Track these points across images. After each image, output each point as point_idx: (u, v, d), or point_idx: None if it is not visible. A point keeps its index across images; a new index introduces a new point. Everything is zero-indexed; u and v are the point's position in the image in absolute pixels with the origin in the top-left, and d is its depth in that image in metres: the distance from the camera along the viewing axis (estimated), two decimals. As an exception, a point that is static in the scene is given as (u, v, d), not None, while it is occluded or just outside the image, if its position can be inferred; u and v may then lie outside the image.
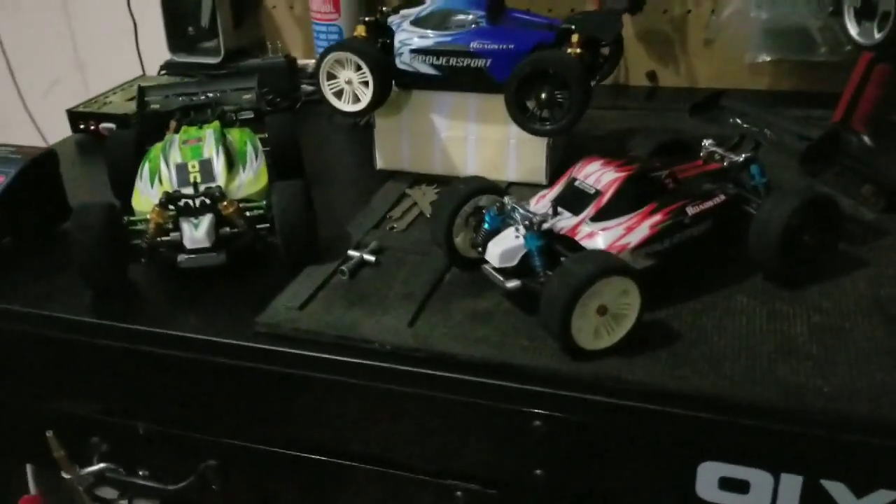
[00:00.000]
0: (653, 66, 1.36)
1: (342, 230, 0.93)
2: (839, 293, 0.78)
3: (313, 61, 1.44)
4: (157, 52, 1.48)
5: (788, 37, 1.21)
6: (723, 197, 0.79)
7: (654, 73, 1.36)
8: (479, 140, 1.02)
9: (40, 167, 0.95)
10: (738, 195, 0.81)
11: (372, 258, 0.87)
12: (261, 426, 0.82)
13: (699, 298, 0.78)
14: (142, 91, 1.07)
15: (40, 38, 1.78)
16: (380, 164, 1.08)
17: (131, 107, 1.21)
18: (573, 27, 0.93)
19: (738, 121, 0.86)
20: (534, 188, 1.00)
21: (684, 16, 1.31)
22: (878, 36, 0.83)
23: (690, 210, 0.77)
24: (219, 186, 0.84)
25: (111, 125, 1.22)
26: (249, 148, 0.94)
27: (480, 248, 0.79)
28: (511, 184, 1.03)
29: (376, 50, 0.96)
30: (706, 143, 0.86)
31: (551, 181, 1.01)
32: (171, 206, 0.83)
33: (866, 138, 0.97)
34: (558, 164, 1.05)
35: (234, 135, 0.97)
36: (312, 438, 0.80)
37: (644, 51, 1.35)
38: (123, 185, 0.96)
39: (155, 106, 1.06)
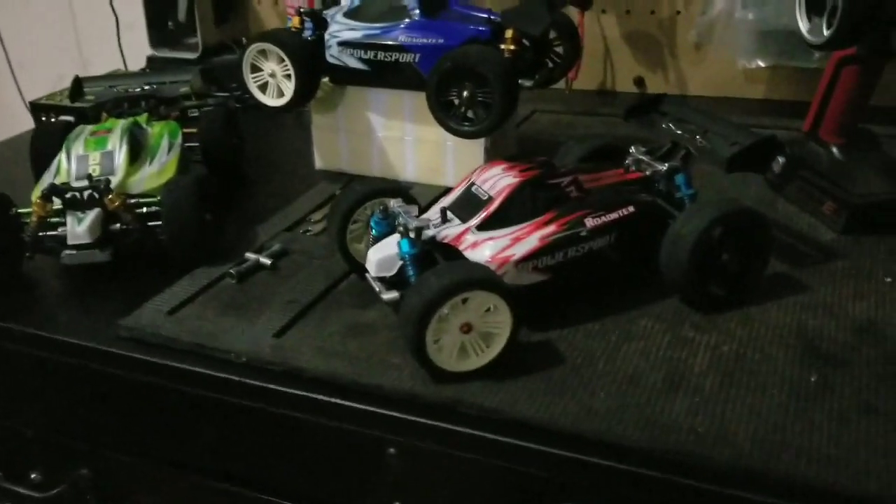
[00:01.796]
0: (640, 72, 1.27)
1: (253, 229, 0.88)
2: (761, 321, 0.69)
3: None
4: (147, 49, 1.46)
5: (780, 40, 1.11)
6: (631, 209, 0.70)
7: (642, 79, 1.27)
8: (416, 141, 0.95)
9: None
10: (652, 206, 0.72)
11: (268, 262, 0.81)
12: (130, 436, 0.77)
13: (600, 319, 0.70)
14: (77, 82, 1.05)
15: (45, 35, 1.79)
16: (318, 163, 1.03)
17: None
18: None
19: (671, 126, 0.78)
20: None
21: (673, 17, 1.22)
22: (826, 33, 0.73)
23: (590, 222, 0.69)
24: (107, 180, 0.80)
25: (70, 118, 1.20)
26: (164, 142, 0.90)
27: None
28: (449, 189, 0.96)
29: (300, 42, 0.91)
30: (633, 149, 0.78)
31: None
32: (57, 199, 0.79)
33: (835, 150, 0.87)
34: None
35: (156, 128, 0.93)
36: (176, 452, 0.75)
37: (631, 54, 1.26)
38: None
39: (90, 97, 1.03)
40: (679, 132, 0.77)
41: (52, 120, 1.22)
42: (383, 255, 0.69)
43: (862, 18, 0.70)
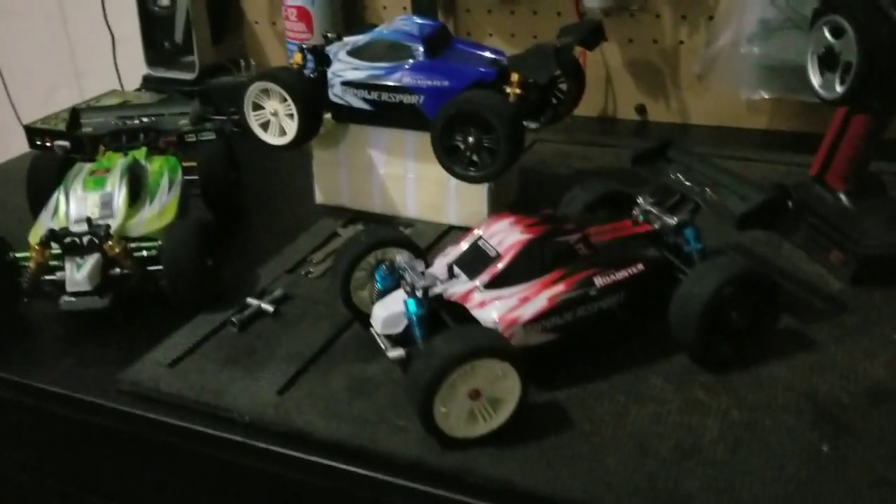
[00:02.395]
0: (642, 100, 1.26)
1: (254, 272, 0.87)
2: (770, 383, 0.68)
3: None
4: (143, 66, 1.44)
5: (785, 74, 1.10)
6: (641, 267, 0.70)
7: (644, 107, 1.26)
8: (418, 179, 0.94)
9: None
10: (662, 263, 0.72)
11: (270, 308, 0.80)
12: (127, 488, 0.76)
13: (607, 378, 0.69)
14: (75, 113, 1.03)
15: (38, 47, 1.77)
16: (319, 198, 1.01)
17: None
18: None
19: (680, 177, 0.77)
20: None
21: (676, 47, 1.21)
22: (839, 89, 0.72)
23: (599, 281, 0.68)
24: (107, 225, 0.79)
25: (65, 143, 1.18)
26: (164, 180, 0.89)
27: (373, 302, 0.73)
28: (452, 227, 0.95)
29: (303, 81, 0.90)
30: (641, 200, 0.77)
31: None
32: (56, 244, 0.77)
33: (843, 196, 0.86)
34: (509, 208, 0.97)
35: (156, 164, 0.92)
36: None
37: (633, 83, 1.26)
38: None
39: (87, 129, 1.02)
40: (688, 184, 0.77)
41: (48, 144, 1.20)
42: (389, 313, 0.68)
43: (876, 76, 0.69)
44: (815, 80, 0.76)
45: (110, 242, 0.77)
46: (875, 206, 0.85)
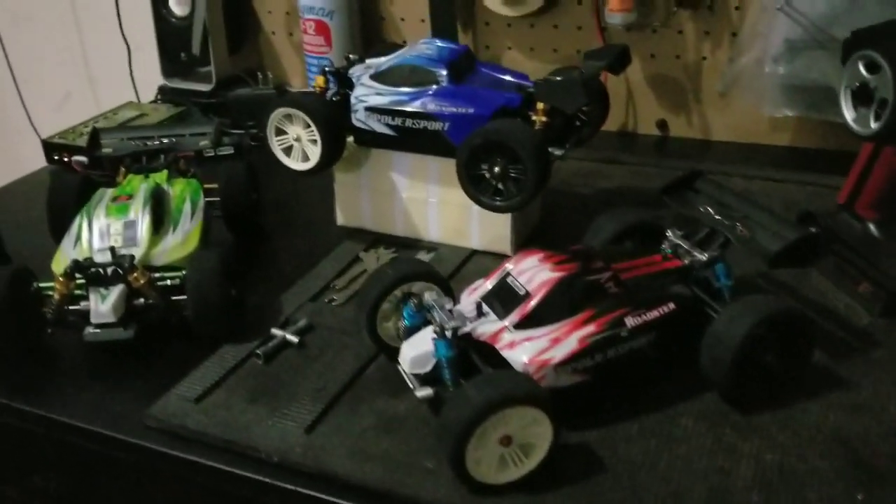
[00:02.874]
0: (663, 115, 1.25)
1: (277, 299, 0.86)
2: (802, 424, 0.67)
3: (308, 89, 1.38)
4: (158, 75, 1.43)
5: (810, 94, 1.09)
6: (672, 306, 0.69)
7: (665, 123, 1.25)
8: (440, 203, 0.94)
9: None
10: (693, 301, 0.71)
11: (295, 339, 0.80)
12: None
13: (639, 418, 0.68)
14: (95, 134, 1.03)
15: (51, 53, 1.76)
16: (340, 220, 1.01)
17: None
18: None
19: (710, 210, 0.76)
20: (496, 258, 0.93)
21: (698, 62, 1.20)
22: (874, 125, 0.71)
23: (630, 321, 0.67)
24: (131, 256, 0.78)
25: (83, 159, 1.17)
26: (187, 206, 0.88)
27: (400, 338, 0.73)
28: (475, 251, 0.95)
29: (327, 107, 0.89)
30: (671, 234, 0.76)
31: (518, 250, 0.93)
32: (79, 275, 0.77)
33: (872, 226, 0.85)
34: (532, 231, 0.96)
35: (177, 188, 0.91)
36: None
37: (654, 97, 1.24)
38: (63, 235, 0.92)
39: (107, 150, 1.01)
40: (718, 217, 0.76)
41: (66, 159, 1.20)
42: (418, 353, 0.67)
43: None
44: (849, 114, 0.75)
45: (135, 274, 0.77)
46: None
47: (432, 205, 0.94)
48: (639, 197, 1.06)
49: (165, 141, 1.01)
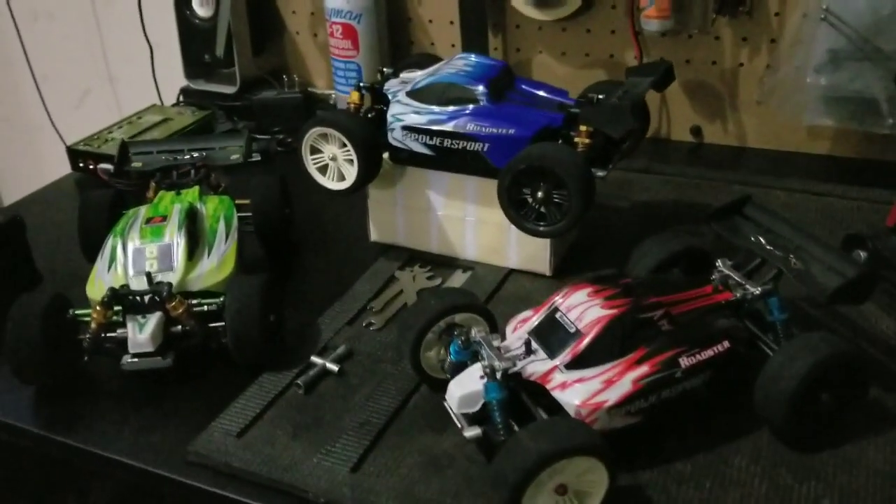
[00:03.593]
0: (698, 121, 1.23)
1: (315, 322, 0.85)
2: (859, 466, 0.66)
3: (335, 93, 1.36)
4: (179, 75, 1.41)
5: (852, 105, 1.06)
6: (726, 344, 0.67)
7: (700, 129, 1.23)
8: (478, 222, 0.92)
9: (2, 234, 0.90)
10: (748, 339, 0.69)
11: (335, 368, 0.78)
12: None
13: (691, 458, 0.67)
14: (124, 147, 1.01)
15: (71, 50, 1.74)
16: (374, 236, 0.99)
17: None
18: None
19: (762, 240, 0.74)
20: (534, 278, 0.91)
21: (735, 69, 1.17)
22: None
23: (684, 361, 0.66)
24: (169, 284, 0.77)
25: (109, 167, 1.16)
26: (221, 226, 0.87)
27: (448, 375, 0.71)
28: (512, 270, 0.93)
29: (363, 126, 0.87)
30: (721, 264, 0.74)
31: (556, 271, 0.91)
32: (117, 304, 0.76)
33: (921, 251, 0.83)
34: (568, 249, 0.95)
35: (210, 206, 0.90)
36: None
37: (689, 104, 1.22)
38: (96, 253, 0.91)
39: (137, 164, 1.00)
40: (769, 247, 0.74)
41: (91, 166, 1.18)
42: (466, 392, 0.66)
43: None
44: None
45: (173, 303, 0.76)
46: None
47: (469, 223, 0.92)
48: (677, 211, 1.04)
49: (196, 155, 0.99)
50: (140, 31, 1.49)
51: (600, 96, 0.87)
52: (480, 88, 0.85)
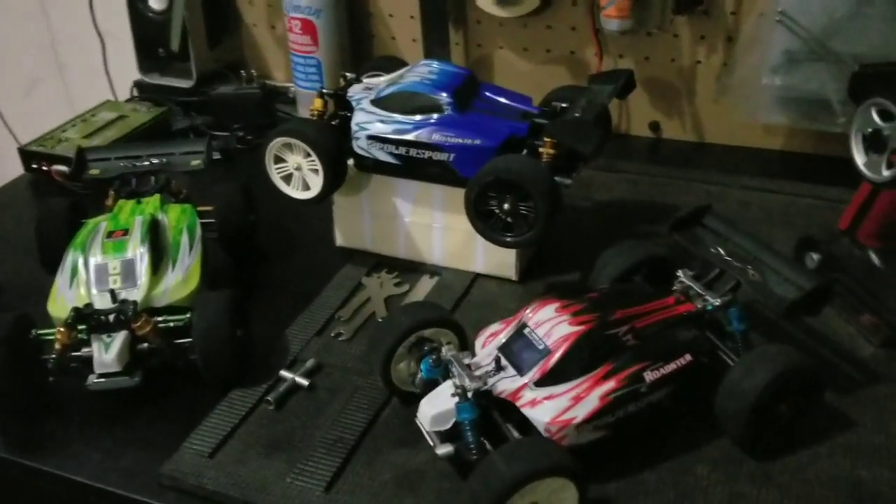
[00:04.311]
0: (657, 117, 1.24)
1: (282, 334, 0.85)
2: (814, 473, 0.68)
3: (293, 87, 1.35)
4: (133, 68, 1.38)
5: (806, 104, 1.09)
6: (689, 357, 0.69)
7: (658, 125, 1.25)
8: (445, 229, 0.92)
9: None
10: (709, 353, 0.71)
11: (305, 382, 0.79)
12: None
13: (655, 468, 0.69)
14: (80, 154, 0.99)
15: (18, 36, 1.69)
16: (339, 241, 0.99)
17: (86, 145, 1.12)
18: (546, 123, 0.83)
19: (721, 251, 0.76)
20: (501, 282, 0.92)
21: (693, 66, 1.19)
22: (886, 173, 0.71)
23: (649, 376, 0.67)
24: (134, 302, 0.76)
25: (63, 168, 1.14)
26: (184, 238, 0.86)
27: (416, 388, 0.72)
28: (478, 275, 0.94)
29: (327, 135, 0.87)
30: (681, 275, 0.76)
31: (522, 275, 0.92)
32: (81, 324, 0.75)
33: (874, 256, 0.86)
34: (534, 253, 0.96)
35: (172, 216, 0.89)
36: None
37: (648, 99, 1.23)
38: (55, 264, 0.89)
39: (94, 171, 0.98)
40: (728, 258, 0.76)
41: (45, 168, 1.16)
42: (438, 412, 0.67)
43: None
44: (859, 158, 0.74)
45: (139, 322, 0.75)
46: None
47: (436, 230, 0.93)
48: (638, 211, 1.06)
49: (156, 161, 0.98)
50: (88, 18, 1.45)
51: (563, 105, 0.87)
52: (445, 97, 0.85)
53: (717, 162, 1.18)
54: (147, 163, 0.98)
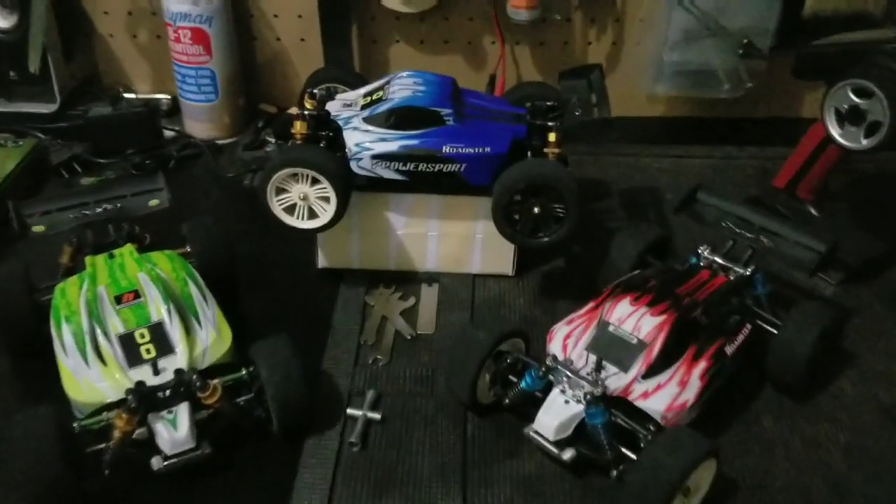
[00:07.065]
0: (552, 97, 1.31)
1: (321, 370, 0.81)
2: (847, 400, 0.80)
3: (167, 96, 1.25)
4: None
5: (692, 76, 1.21)
6: (749, 326, 0.77)
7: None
8: (441, 236, 0.92)
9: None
10: (759, 319, 0.79)
11: (377, 416, 0.76)
12: None
13: (731, 429, 0.76)
14: (17, 209, 0.85)
15: None
16: (322, 262, 0.95)
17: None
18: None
19: (731, 225, 0.85)
20: (499, 280, 0.94)
21: (585, 47, 1.26)
22: (865, 142, 0.83)
23: (729, 349, 0.74)
24: (193, 370, 0.69)
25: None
26: (192, 288, 0.79)
27: (507, 401, 0.74)
28: (475, 276, 0.95)
29: (335, 161, 0.83)
30: (703, 251, 0.83)
31: (517, 269, 0.95)
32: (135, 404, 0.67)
33: (811, 208, 0.99)
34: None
35: (164, 266, 0.80)
36: None
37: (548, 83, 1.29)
38: (20, 342, 0.78)
39: (39, 227, 0.85)
40: (739, 231, 0.84)
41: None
42: (562, 420, 0.69)
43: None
44: (834, 130, 0.85)
45: (208, 391, 0.68)
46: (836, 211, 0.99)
47: (432, 238, 0.92)
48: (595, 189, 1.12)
49: (109, 207, 0.87)
50: None
51: (549, 103, 0.91)
52: (446, 109, 0.85)
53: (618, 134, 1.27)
54: (99, 209, 0.87)
